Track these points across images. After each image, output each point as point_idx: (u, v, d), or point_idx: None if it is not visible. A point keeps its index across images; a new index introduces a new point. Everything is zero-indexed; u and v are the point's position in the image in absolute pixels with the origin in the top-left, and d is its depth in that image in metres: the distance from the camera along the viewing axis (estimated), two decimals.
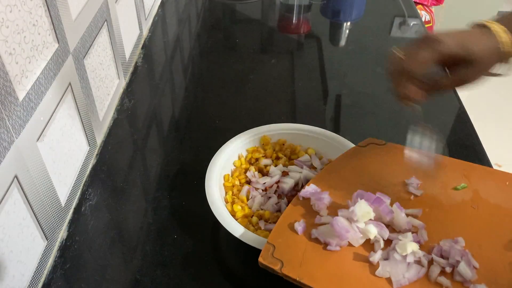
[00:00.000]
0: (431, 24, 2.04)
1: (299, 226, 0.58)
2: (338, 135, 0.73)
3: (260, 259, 0.55)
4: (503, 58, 0.55)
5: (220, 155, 0.71)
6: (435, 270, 0.52)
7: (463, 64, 0.54)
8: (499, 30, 0.54)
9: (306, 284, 0.52)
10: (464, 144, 0.83)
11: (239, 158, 0.73)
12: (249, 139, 0.74)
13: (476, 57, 0.53)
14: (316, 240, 0.56)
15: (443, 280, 0.51)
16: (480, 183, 0.62)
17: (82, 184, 0.75)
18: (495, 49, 0.54)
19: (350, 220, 0.56)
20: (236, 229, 0.60)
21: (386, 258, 0.54)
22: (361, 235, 0.56)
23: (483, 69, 0.55)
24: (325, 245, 0.56)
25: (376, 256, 0.54)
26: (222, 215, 0.62)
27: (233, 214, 0.64)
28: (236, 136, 0.74)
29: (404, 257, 0.53)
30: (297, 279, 0.52)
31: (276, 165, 0.72)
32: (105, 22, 0.85)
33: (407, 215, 0.58)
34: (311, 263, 0.54)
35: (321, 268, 0.53)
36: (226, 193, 0.69)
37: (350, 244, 0.56)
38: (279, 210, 0.66)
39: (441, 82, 0.56)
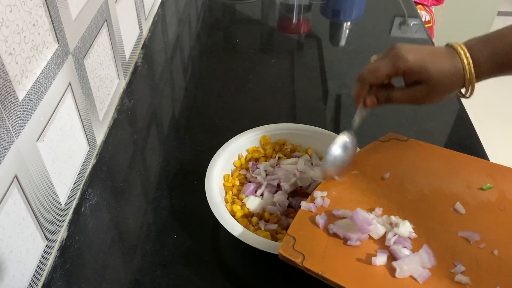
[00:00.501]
0: (431, 24, 2.04)
1: (321, 219, 0.57)
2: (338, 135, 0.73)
3: (281, 250, 0.53)
4: (465, 82, 0.55)
5: (220, 155, 0.71)
6: None
7: (420, 82, 0.56)
8: (462, 53, 0.54)
9: (329, 279, 0.50)
10: (464, 144, 0.83)
11: (239, 158, 0.73)
12: (249, 139, 0.74)
13: (431, 79, 0.54)
14: (335, 235, 0.55)
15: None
16: (506, 184, 0.61)
17: (82, 184, 0.75)
18: (456, 72, 0.54)
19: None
20: (236, 229, 0.60)
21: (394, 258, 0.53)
22: (382, 227, 0.55)
23: (439, 91, 0.56)
24: (345, 240, 0.55)
25: (380, 259, 0.53)
26: (222, 215, 0.62)
27: (233, 214, 0.64)
28: (236, 136, 0.74)
29: (411, 250, 0.53)
30: (320, 273, 0.51)
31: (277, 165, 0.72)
32: (105, 22, 0.85)
33: None
34: (333, 258, 0.53)
35: (344, 263, 0.52)
36: (226, 193, 0.69)
37: (370, 237, 0.55)
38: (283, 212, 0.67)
39: (393, 95, 0.58)
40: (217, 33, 1.21)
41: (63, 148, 0.68)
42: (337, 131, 0.84)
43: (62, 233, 0.68)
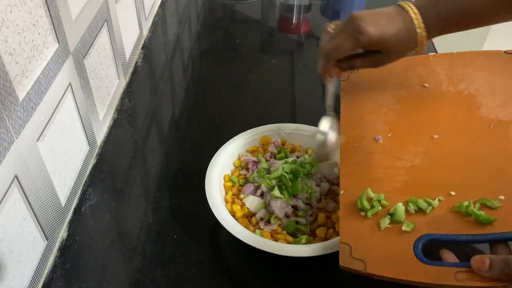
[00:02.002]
0: None
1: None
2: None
3: (341, 262, 0.51)
4: (417, 42, 0.57)
5: (220, 155, 0.71)
6: None
7: (378, 50, 0.58)
8: (414, 16, 0.56)
9: (399, 278, 0.48)
10: None
11: (239, 158, 0.73)
12: (249, 139, 0.74)
13: (389, 47, 0.57)
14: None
15: None
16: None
17: (82, 184, 0.75)
18: (409, 36, 0.56)
19: None
20: (236, 229, 0.60)
21: None
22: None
23: (396, 55, 0.59)
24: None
25: None
26: (222, 215, 0.62)
27: (233, 214, 0.65)
28: (236, 136, 0.74)
29: None
30: (386, 275, 0.48)
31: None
32: (105, 22, 0.85)
33: None
34: (393, 255, 0.50)
35: (404, 258, 0.49)
36: (226, 193, 0.69)
37: None
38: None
39: (355, 64, 0.60)
40: (217, 33, 1.21)
41: (63, 148, 0.68)
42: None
43: (62, 233, 0.68)
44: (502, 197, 0.50)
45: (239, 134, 0.74)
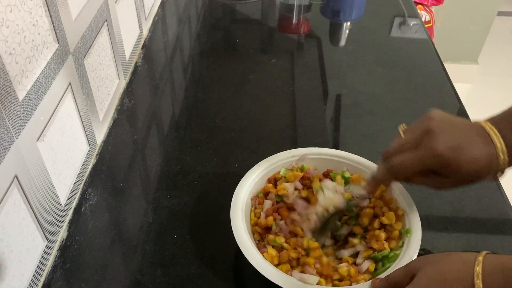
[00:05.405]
0: (431, 24, 2.04)
1: None
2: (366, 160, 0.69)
3: None
4: (496, 170, 0.50)
5: (242, 188, 0.66)
6: None
7: (446, 175, 0.52)
8: (495, 137, 0.50)
9: None
10: None
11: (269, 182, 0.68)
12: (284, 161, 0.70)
13: (461, 175, 0.50)
14: None
15: None
16: None
17: (82, 184, 0.75)
18: (489, 159, 0.49)
19: None
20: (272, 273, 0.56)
21: None
22: None
23: (466, 182, 0.52)
24: None
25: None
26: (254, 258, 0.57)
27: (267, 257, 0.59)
28: (256, 165, 0.69)
29: None
30: None
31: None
32: (105, 22, 0.85)
33: None
34: None
35: None
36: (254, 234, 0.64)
37: None
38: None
39: (414, 180, 0.55)
40: (217, 33, 1.21)
41: (63, 148, 0.68)
42: (337, 131, 0.84)
43: (62, 233, 0.68)
44: None
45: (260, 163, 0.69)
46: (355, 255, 0.61)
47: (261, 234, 0.63)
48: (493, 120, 0.52)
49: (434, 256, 0.49)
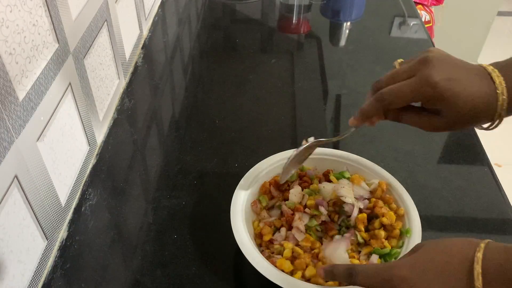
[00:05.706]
0: (431, 24, 2.04)
1: None
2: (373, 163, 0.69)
3: None
4: (493, 113, 0.47)
5: (242, 188, 0.66)
6: None
7: (441, 112, 0.48)
8: (497, 78, 0.47)
9: None
10: (464, 144, 0.83)
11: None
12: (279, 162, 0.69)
13: (456, 111, 0.47)
14: None
15: None
16: None
17: (82, 184, 0.75)
18: (488, 99, 0.46)
19: None
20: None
21: None
22: None
23: (462, 124, 0.48)
24: None
25: None
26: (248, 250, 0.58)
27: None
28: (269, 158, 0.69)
29: None
30: None
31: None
32: (105, 22, 0.85)
33: None
34: None
35: None
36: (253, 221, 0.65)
37: None
38: None
39: (405, 118, 0.52)
40: (217, 33, 1.21)
41: (63, 148, 0.68)
42: (337, 131, 0.84)
43: (62, 233, 0.68)
44: None
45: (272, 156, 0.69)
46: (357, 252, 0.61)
47: (266, 243, 0.63)
48: (497, 64, 0.49)
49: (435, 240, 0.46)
